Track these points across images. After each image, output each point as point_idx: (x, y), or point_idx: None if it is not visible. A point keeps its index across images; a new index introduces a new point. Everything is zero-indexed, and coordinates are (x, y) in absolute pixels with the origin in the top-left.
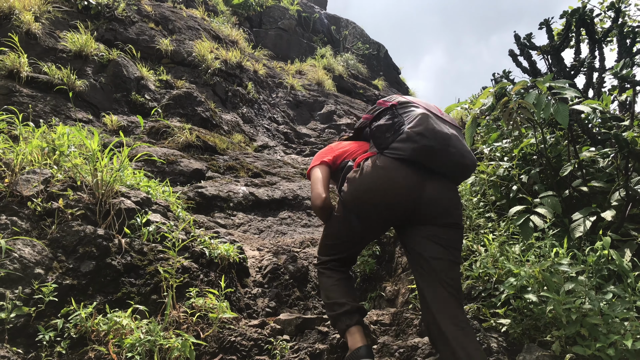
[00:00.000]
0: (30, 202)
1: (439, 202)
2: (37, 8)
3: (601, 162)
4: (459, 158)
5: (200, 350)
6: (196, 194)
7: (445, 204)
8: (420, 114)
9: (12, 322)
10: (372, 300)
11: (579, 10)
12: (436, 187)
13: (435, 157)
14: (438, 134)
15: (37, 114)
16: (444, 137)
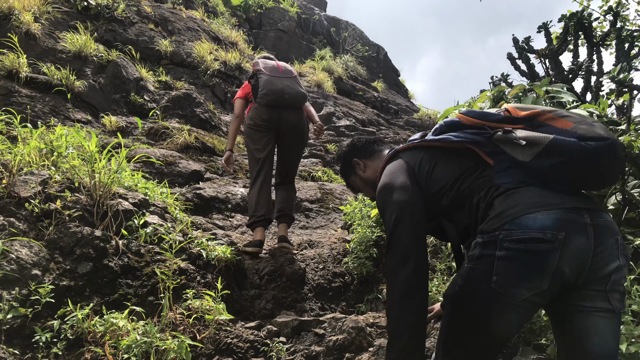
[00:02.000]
0: (27, 203)
1: (290, 121)
2: (36, 8)
3: None
4: (291, 97)
5: (196, 352)
6: (194, 195)
7: (294, 122)
8: (264, 80)
9: (8, 323)
10: (369, 302)
11: (578, 14)
12: (288, 114)
13: (278, 101)
14: (275, 90)
15: (35, 114)
16: (279, 90)
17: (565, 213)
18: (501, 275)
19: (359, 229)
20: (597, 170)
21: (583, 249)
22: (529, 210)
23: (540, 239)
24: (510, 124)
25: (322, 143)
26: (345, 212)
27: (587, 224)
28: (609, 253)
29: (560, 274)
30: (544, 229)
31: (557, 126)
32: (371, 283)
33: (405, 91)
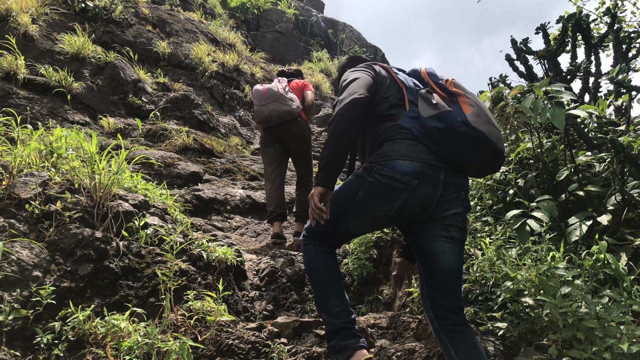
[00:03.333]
0: (28, 204)
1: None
2: (34, 10)
3: (597, 166)
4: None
5: (197, 354)
6: (193, 196)
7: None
8: (255, 110)
9: (9, 324)
10: (369, 303)
11: (575, 16)
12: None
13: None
14: (263, 117)
15: (34, 116)
16: (266, 117)
17: (425, 166)
18: (365, 193)
19: None
20: (460, 149)
21: (429, 196)
22: (400, 157)
23: (399, 180)
24: (442, 91)
25: (320, 145)
26: None
27: (439, 180)
28: (450, 203)
29: (406, 209)
30: (404, 174)
31: (462, 107)
32: (371, 284)
33: None
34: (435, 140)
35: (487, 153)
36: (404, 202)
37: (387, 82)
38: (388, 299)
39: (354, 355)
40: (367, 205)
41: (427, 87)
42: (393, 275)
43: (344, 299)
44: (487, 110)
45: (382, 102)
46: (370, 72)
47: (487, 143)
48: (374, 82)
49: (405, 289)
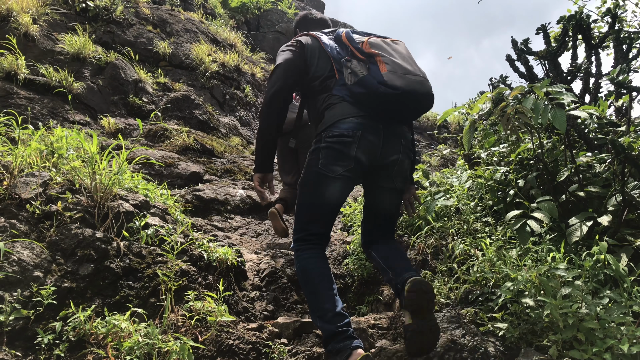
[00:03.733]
0: (29, 204)
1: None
2: (35, 10)
3: (598, 167)
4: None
5: (198, 354)
6: (194, 197)
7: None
8: None
9: (10, 324)
10: (370, 303)
11: (576, 16)
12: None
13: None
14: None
15: (34, 116)
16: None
17: (364, 119)
18: (324, 158)
19: (359, 231)
20: (387, 106)
21: (374, 143)
22: (340, 118)
23: (345, 135)
24: (360, 53)
25: None
26: (345, 213)
27: (380, 128)
28: (391, 149)
29: (359, 158)
30: (348, 129)
31: (379, 67)
32: (372, 285)
33: None
34: (364, 103)
35: (411, 101)
36: (356, 152)
37: (317, 54)
38: (388, 300)
39: (351, 356)
40: (329, 168)
41: (347, 52)
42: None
43: (337, 303)
44: (403, 62)
45: (315, 78)
46: (295, 49)
47: (407, 94)
48: (298, 60)
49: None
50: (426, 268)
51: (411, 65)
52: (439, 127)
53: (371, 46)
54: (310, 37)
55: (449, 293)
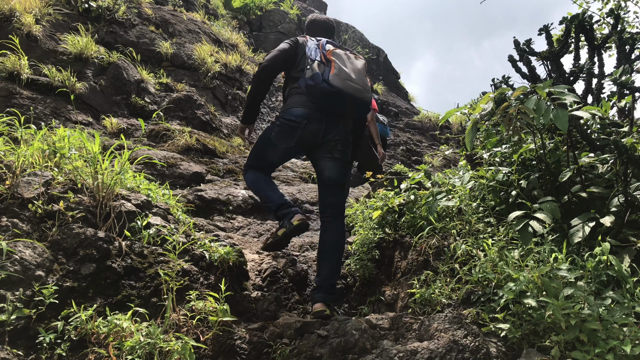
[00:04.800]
0: (31, 204)
1: None
2: (37, 10)
3: (600, 168)
4: None
5: (200, 354)
6: (196, 197)
7: None
8: None
9: (12, 324)
10: (371, 304)
11: (579, 17)
12: None
13: None
14: None
15: (37, 116)
16: None
17: (310, 110)
18: (276, 133)
19: (361, 231)
20: (327, 99)
21: (316, 129)
22: (295, 106)
23: (294, 121)
24: (324, 58)
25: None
26: (347, 214)
27: (322, 118)
28: (330, 131)
29: (302, 140)
30: (297, 116)
31: (330, 70)
32: (373, 285)
33: (405, 93)
34: (312, 94)
35: (345, 101)
36: (300, 135)
37: (303, 52)
38: (390, 300)
39: (293, 217)
40: (277, 141)
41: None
42: None
43: (279, 193)
44: (351, 72)
45: (294, 68)
46: (291, 44)
47: (341, 93)
48: (290, 51)
49: (408, 290)
50: (428, 268)
51: (357, 76)
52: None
53: (332, 55)
54: (306, 38)
55: (451, 293)
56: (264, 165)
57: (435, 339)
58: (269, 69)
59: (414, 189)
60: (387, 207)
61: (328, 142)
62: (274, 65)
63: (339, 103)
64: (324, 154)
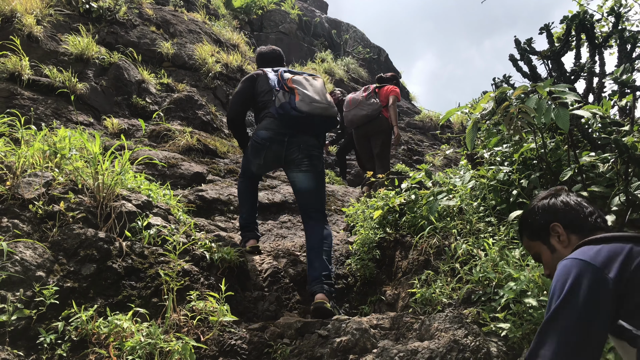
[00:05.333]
0: (31, 204)
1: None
2: (38, 11)
3: (601, 167)
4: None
5: (200, 354)
6: (197, 197)
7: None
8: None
9: (13, 324)
10: (372, 304)
11: (579, 15)
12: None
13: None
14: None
15: (38, 116)
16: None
17: (274, 134)
18: (250, 150)
19: (362, 231)
20: (294, 123)
21: (278, 151)
22: (261, 129)
23: (259, 142)
24: (286, 87)
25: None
26: (348, 213)
27: (284, 141)
28: (294, 152)
29: (267, 159)
30: (263, 139)
31: (295, 97)
32: (374, 285)
33: (406, 93)
34: (283, 120)
35: (314, 122)
36: (264, 155)
37: (264, 83)
38: (391, 300)
39: (248, 242)
40: (251, 157)
41: (281, 84)
42: None
43: (252, 211)
44: (313, 94)
45: (260, 97)
46: (248, 84)
47: (311, 116)
48: (248, 91)
49: (409, 289)
50: (429, 268)
51: (319, 96)
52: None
53: (293, 82)
54: (262, 72)
55: (452, 293)
56: (249, 176)
57: (435, 338)
58: (235, 120)
59: (414, 189)
60: (388, 207)
61: (293, 160)
62: (236, 113)
63: (307, 125)
64: (292, 168)
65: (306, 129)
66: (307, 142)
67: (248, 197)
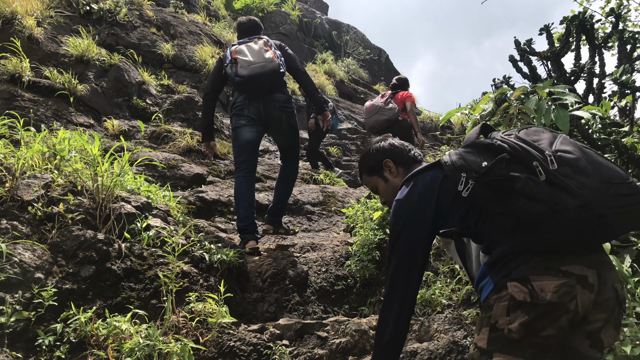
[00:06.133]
0: (30, 206)
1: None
2: (39, 13)
3: None
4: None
5: (199, 355)
6: (197, 198)
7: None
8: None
9: (11, 326)
10: (372, 305)
11: (579, 16)
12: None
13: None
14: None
15: (38, 118)
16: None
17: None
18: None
19: (362, 232)
20: (245, 87)
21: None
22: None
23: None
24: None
25: (324, 146)
26: (348, 214)
27: (259, 100)
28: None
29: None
30: (240, 101)
31: (237, 66)
32: (374, 286)
33: None
34: (237, 88)
35: (260, 79)
36: (248, 113)
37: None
38: None
39: (247, 244)
40: (239, 121)
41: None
42: None
43: (249, 211)
44: (251, 57)
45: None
46: (217, 63)
47: (253, 77)
48: (217, 69)
49: None
50: (428, 269)
51: (256, 57)
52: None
53: (236, 52)
54: (226, 51)
55: (451, 294)
56: (242, 163)
57: (434, 339)
58: (207, 95)
59: None
60: (388, 208)
61: (275, 120)
62: (208, 90)
63: (255, 84)
64: (273, 128)
65: (260, 87)
66: (279, 99)
67: (246, 197)
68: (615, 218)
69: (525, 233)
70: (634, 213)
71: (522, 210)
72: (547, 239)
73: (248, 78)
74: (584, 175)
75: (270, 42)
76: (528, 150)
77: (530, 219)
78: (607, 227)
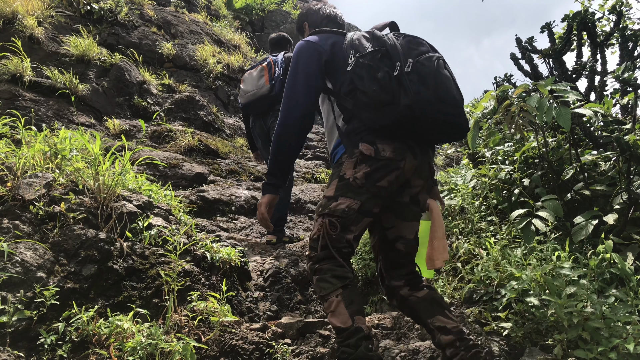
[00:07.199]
0: (32, 205)
1: None
2: (40, 13)
3: (603, 165)
4: None
5: (201, 354)
6: (198, 197)
7: None
8: None
9: (13, 325)
10: (374, 303)
11: (581, 14)
12: None
13: None
14: None
15: (39, 118)
16: None
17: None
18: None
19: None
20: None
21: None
22: None
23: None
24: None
25: (324, 145)
26: None
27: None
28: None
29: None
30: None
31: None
32: (376, 284)
33: None
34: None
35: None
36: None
37: None
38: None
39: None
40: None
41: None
42: None
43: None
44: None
45: None
46: None
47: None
48: None
49: None
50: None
51: (250, 86)
52: None
53: (242, 80)
54: None
55: (453, 292)
56: None
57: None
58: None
59: None
60: None
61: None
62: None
63: (253, 109)
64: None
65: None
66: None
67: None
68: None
69: (370, 111)
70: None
71: (374, 93)
72: (382, 120)
73: (245, 105)
74: (424, 86)
75: (279, 60)
76: (399, 52)
77: (378, 102)
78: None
